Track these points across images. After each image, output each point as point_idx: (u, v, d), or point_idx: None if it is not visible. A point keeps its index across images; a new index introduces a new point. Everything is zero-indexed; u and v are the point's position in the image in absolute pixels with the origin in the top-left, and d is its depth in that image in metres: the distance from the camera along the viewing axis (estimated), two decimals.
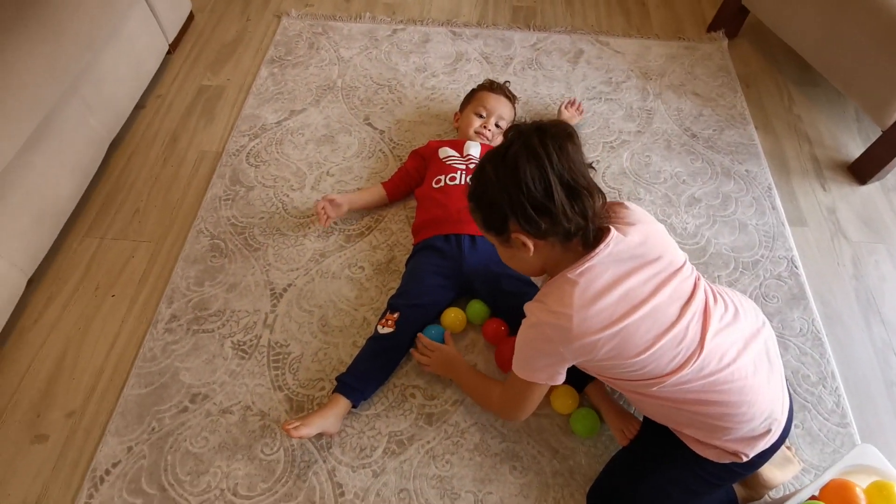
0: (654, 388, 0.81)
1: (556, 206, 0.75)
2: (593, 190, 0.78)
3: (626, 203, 0.87)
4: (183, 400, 1.12)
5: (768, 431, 0.83)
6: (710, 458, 0.85)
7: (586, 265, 0.78)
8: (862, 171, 1.50)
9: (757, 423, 0.82)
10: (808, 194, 1.49)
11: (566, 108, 1.57)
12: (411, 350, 1.16)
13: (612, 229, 0.79)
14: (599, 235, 0.80)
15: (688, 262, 0.85)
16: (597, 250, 0.78)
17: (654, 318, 0.78)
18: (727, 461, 0.85)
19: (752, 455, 0.84)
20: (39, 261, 1.26)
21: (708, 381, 0.80)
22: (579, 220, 0.76)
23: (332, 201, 1.29)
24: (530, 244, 0.79)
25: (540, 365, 0.85)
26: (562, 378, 0.87)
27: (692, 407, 0.82)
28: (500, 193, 0.77)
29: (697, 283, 0.83)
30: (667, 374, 0.80)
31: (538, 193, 0.75)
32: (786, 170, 1.53)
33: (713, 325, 0.80)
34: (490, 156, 0.81)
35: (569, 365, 0.85)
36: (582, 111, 1.58)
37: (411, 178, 1.39)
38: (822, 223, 1.43)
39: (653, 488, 0.89)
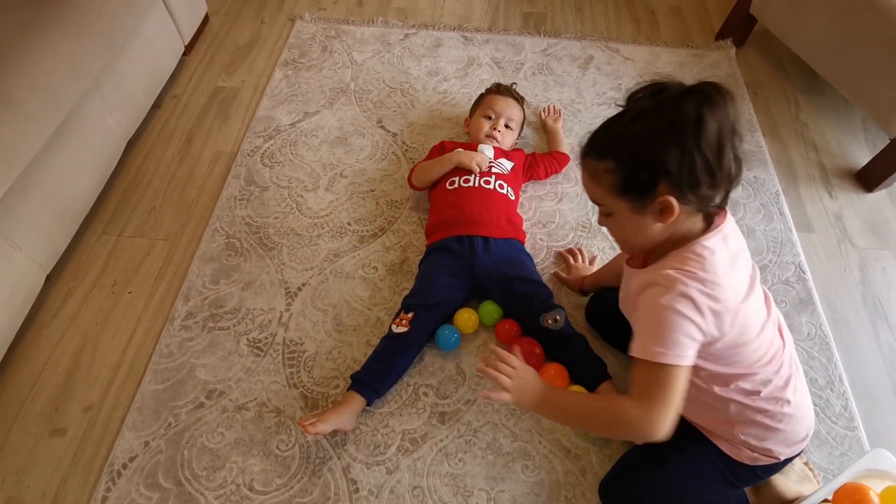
0: (742, 383, 0.81)
1: (723, 169, 0.69)
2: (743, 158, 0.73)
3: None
4: (199, 396, 1.14)
5: (806, 436, 0.86)
6: (741, 460, 0.87)
7: (719, 235, 0.75)
8: (869, 178, 1.52)
9: (804, 426, 0.85)
10: (815, 201, 1.51)
11: (545, 114, 1.62)
12: (478, 368, 0.86)
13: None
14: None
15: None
16: (723, 223, 0.77)
17: (758, 305, 0.80)
18: (762, 463, 0.86)
19: (787, 457, 0.86)
20: (58, 257, 1.28)
21: (785, 379, 0.82)
22: (730, 185, 0.72)
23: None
24: (677, 209, 0.72)
25: (685, 340, 0.72)
26: (694, 353, 0.74)
27: (764, 405, 0.82)
28: (667, 148, 0.68)
29: (766, 293, 0.86)
30: (761, 366, 0.80)
31: (711, 153, 0.68)
32: (793, 176, 1.55)
33: (785, 331, 0.84)
34: (640, 109, 0.70)
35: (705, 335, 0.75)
36: (558, 118, 1.61)
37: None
38: (829, 230, 1.45)
39: (671, 481, 0.90)
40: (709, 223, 0.78)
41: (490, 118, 1.45)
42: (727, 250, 0.77)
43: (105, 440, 1.09)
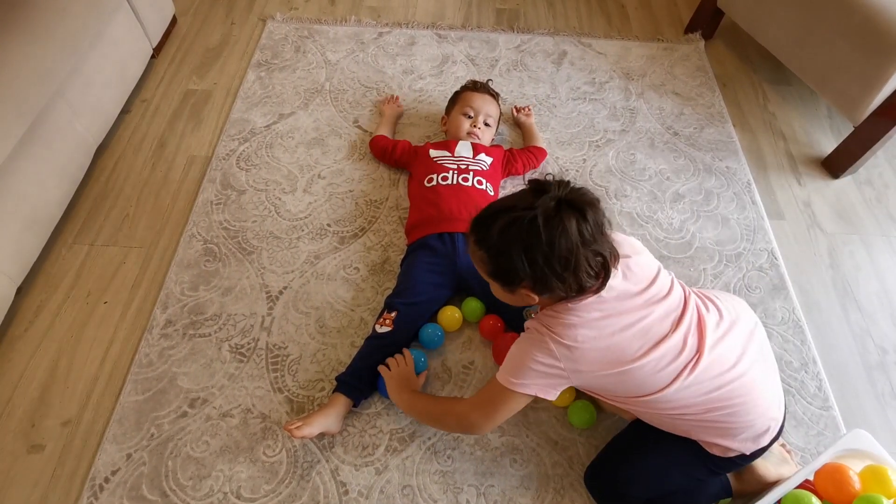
0: (654, 398, 0.84)
1: (574, 277, 0.77)
2: (612, 256, 0.80)
3: (615, 235, 0.87)
4: (182, 405, 1.12)
5: (768, 429, 0.87)
6: (715, 454, 0.89)
7: (588, 300, 0.82)
8: (835, 165, 1.57)
9: (759, 423, 0.86)
10: (785, 189, 1.55)
11: (516, 112, 1.63)
12: (381, 366, 1.11)
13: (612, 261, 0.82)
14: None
15: (675, 282, 0.89)
16: (597, 290, 0.82)
17: (646, 333, 0.82)
18: (731, 455, 0.89)
19: (754, 451, 0.88)
20: (28, 268, 1.24)
21: (710, 387, 0.83)
22: (593, 282, 0.79)
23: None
24: (536, 298, 0.83)
25: (535, 379, 0.85)
26: (555, 395, 0.87)
27: (698, 414, 0.85)
28: (519, 259, 0.77)
29: (687, 299, 0.87)
30: (665, 387, 0.83)
31: (559, 266, 0.76)
32: (763, 166, 1.59)
33: (710, 335, 0.84)
34: (510, 217, 0.78)
35: (568, 385, 0.87)
36: (530, 114, 1.62)
37: (393, 151, 1.47)
38: (799, 216, 1.50)
39: (655, 466, 0.92)
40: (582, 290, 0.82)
41: (469, 116, 1.45)
42: (603, 304, 0.82)
43: (85, 454, 1.06)
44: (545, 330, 0.83)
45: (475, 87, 1.52)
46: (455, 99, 1.52)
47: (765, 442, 0.87)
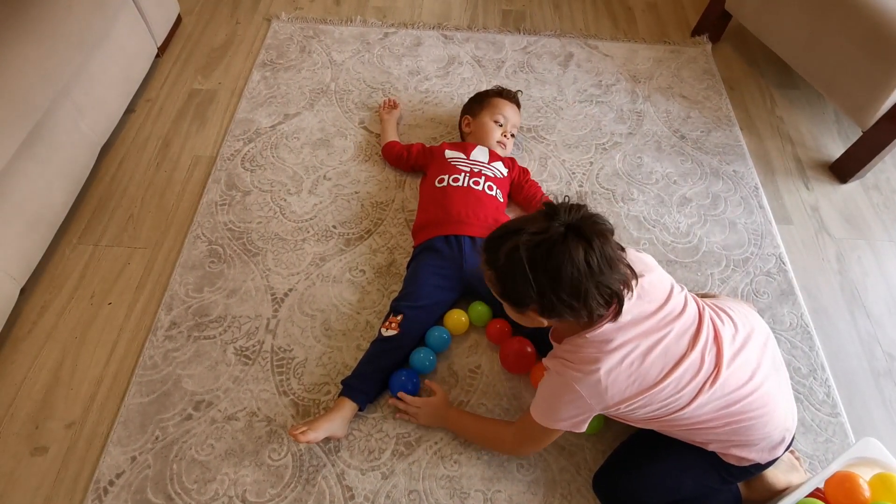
0: (674, 417, 0.84)
1: (584, 306, 0.76)
2: (625, 285, 0.78)
3: (628, 252, 0.86)
4: (186, 407, 1.11)
5: (783, 440, 0.87)
6: (731, 463, 0.89)
7: (604, 328, 0.81)
8: (843, 170, 1.56)
9: (775, 434, 0.86)
10: (793, 193, 1.54)
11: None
12: (395, 405, 1.10)
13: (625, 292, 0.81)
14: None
15: (688, 297, 0.88)
16: (613, 318, 0.81)
17: (665, 354, 0.81)
18: (747, 465, 0.88)
19: (769, 460, 0.88)
20: (32, 269, 1.23)
21: (729, 401, 0.83)
22: (604, 311, 0.79)
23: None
24: (545, 321, 0.82)
25: (565, 416, 0.86)
26: (585, 427, 0.88)
27: (716, 428, 0.85)
28: (525, 284, 0.76)
29: (701, 314, 0.86)
30: (685, 405, 0.82)
31: (566, 294, 0.75)
32: (770, 170, 1.59)
33: (727, 349, 0.84)
34: (518, 240, 0.76)
35: (595, 414, 0.87)
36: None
37: (409, 156, 1.45)
38: (807, 221, 1.49)
39: (667, 473, 0.92)
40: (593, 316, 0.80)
41: (500, 124, 1.44)
42: (622, 332, 0.81)
43: (89, 457, 1.06)
44: (566, 371, 0.83)
45: (509, 95, 1.49)
46: (482, 102, 1.48)
47: (780, 452, 0.87)
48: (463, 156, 1.37)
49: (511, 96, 1.50)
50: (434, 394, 1.11)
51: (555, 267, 0.74)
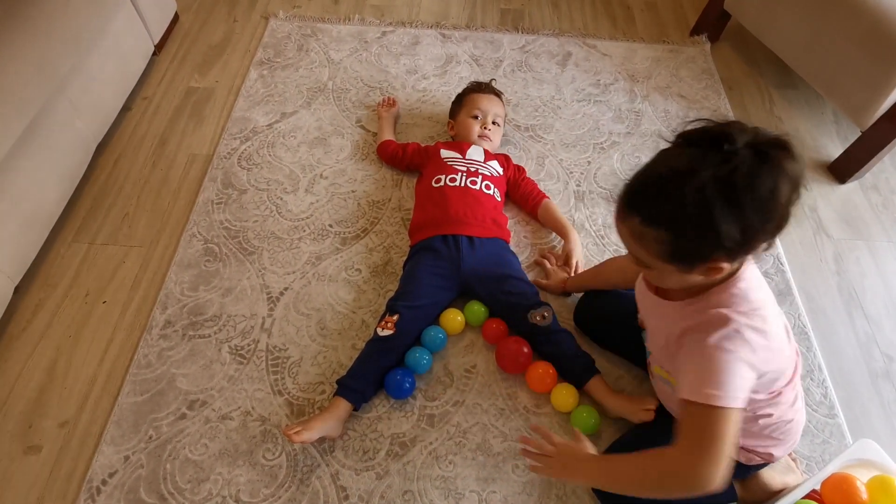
0: (765, 408, 0.82)
1: (782, 229, 0.67)
2: None
3: None
4: (181, 407, 1.10)
5: (798, 437, 0.89)
6: (740, 460, 0.88)
7: (749, 270, 0.76)
8: (841, 170, 1.55)
9: (800, 429, 0.88)
10: None
11: (556, 264, 1.31)
12: (521, 450, 0.91)
13: None
14: None
15: None
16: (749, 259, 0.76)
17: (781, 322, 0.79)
18: (755, 463, 0.88)
19: (780, 456, 0.89)
20: (27, 267, 1.23)
21: (794, 395, 0.84)
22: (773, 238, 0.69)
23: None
24: (727, 268, 0.70)
25: (739, 381, 0.70)
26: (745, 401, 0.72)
27: (773, 428, 0.85)
28: (732, 226, 0.64)
29: None
30: (791, 379, 0.81)
31: (776, 224, 0.66)
32: None
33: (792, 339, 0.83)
34: (705, 179, 0.63)
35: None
36: (569, 269, 1.27)
37: (404, 155, 1.45)
38: (805, 221, 1.48)
39: None
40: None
41: (477, 118, 1.44)
42: (756, 273, 0.78)
43: (83, 456, 1.05)
44: (733, 319, 0.70)
45: (479, 87, 1.50)
46: (460, 102, 1.50)
47: (792, 448, 0.89)
48: (459, 155, 1.37)
49: (484, 87, 1.49)
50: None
51: (771, 192, 0.63)
